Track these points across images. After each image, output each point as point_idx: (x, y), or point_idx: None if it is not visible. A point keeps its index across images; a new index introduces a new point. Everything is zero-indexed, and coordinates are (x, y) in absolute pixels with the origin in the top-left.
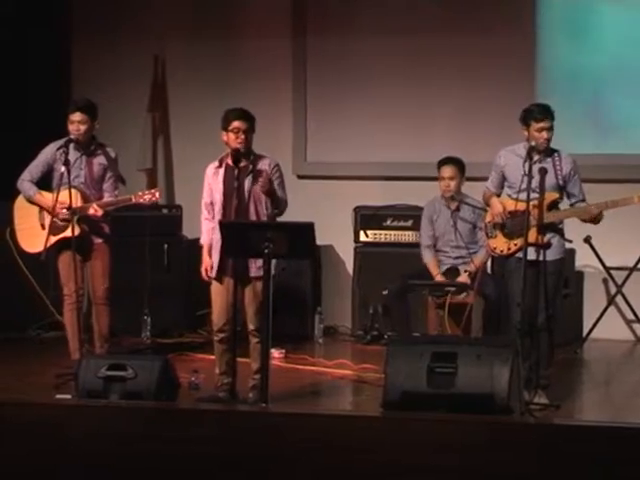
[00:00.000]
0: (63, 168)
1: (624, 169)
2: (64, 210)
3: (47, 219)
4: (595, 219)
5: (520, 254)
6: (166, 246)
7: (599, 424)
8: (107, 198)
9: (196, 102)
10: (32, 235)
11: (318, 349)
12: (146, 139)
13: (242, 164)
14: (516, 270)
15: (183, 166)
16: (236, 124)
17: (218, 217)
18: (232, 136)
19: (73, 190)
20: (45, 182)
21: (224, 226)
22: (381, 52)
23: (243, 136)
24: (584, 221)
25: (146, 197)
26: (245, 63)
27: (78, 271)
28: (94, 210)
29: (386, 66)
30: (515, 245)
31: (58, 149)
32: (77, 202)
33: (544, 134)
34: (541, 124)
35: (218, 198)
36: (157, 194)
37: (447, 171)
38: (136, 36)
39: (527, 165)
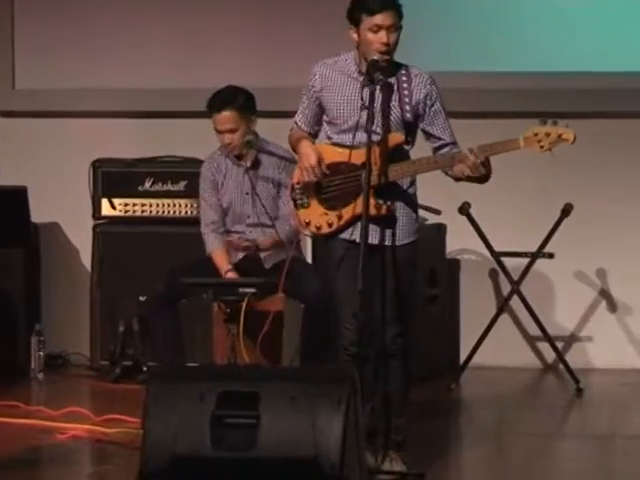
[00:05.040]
0: None
1: (497, 95)
2: None
3: None
4: (480, 173)
5: (349, 234)
6: None
7: None
8: None
9: None
10: None
11: (37, 390)
12: None
13: None
14: (346, 260)
15: None
16: None
17: None
18: None
19: None
20: None
21: None
22: None
23: None
24: (458, 179)
25: None
26: None
27: None
28: None
29: None
30: (340, 218)
31: None
32: None
33: (382, 36)
34: (378, 18)
35: None
36: None
37: (223, 120)
38: None
39: (366, 91)
